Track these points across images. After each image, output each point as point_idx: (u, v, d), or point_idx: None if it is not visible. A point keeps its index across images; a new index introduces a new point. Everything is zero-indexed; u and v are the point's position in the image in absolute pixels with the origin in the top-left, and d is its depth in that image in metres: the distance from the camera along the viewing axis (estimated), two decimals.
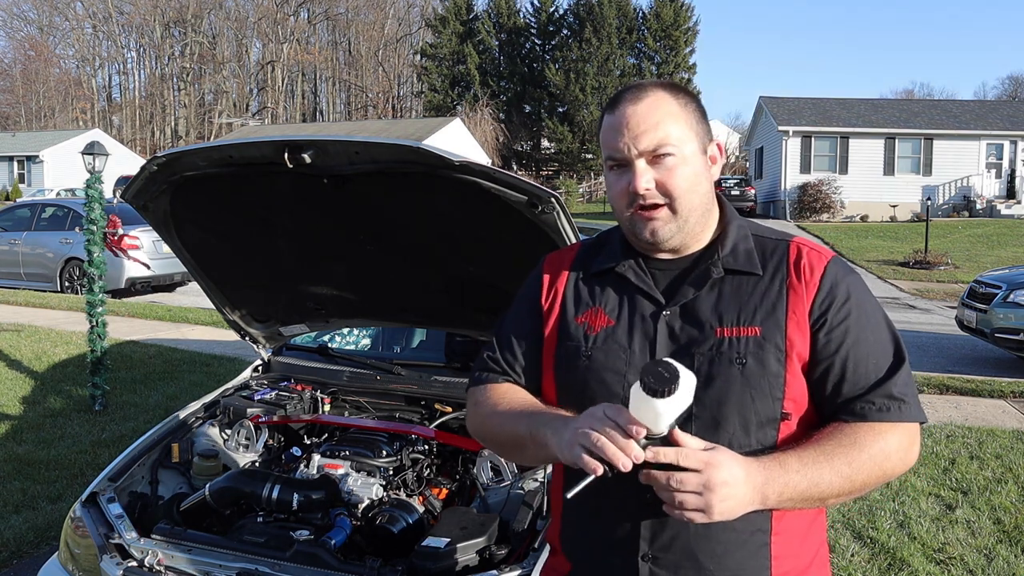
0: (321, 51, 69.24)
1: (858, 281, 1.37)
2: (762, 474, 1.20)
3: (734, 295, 1.35)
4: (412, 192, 2.32)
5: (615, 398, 1.31)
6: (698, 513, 1.16)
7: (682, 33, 45.97)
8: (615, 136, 1.35)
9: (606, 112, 1.39)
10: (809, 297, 1.32)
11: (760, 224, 1.47)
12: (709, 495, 1.15)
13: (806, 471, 1.23)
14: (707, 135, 1.41)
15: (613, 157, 1.36)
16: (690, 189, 1.35)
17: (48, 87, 63.23)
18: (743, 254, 1.38)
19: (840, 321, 1.32)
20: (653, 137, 1.32)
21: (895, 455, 1.30)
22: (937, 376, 7.47)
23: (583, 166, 46.86)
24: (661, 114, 1.34)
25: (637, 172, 1.33)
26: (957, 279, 16.15)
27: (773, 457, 1.24)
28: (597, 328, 1.40)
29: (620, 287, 1.42)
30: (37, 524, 4.00)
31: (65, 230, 12.88)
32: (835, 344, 1.31)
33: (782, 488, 1.22)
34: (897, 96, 62.68)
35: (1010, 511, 4.36)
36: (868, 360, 1.32)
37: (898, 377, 1.31)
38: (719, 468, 1.16)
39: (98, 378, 6.03)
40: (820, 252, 1.38)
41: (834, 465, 1.24)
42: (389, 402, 3.10)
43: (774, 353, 1.30)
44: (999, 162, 28.42)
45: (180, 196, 2.57)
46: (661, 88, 1.38)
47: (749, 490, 1.19)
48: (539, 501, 2.36)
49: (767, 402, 1.29)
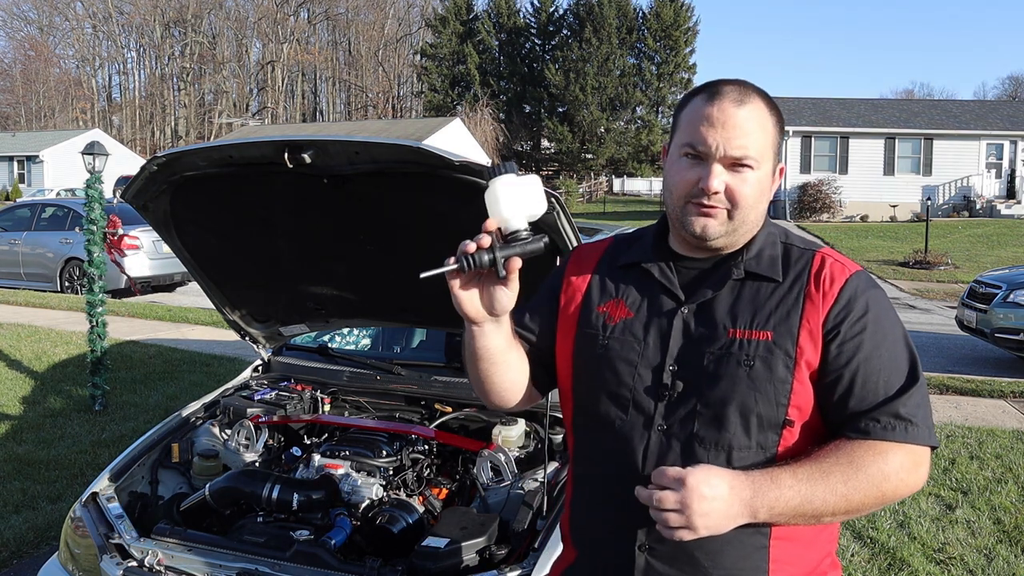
0: (321, 51, 69.27)
1: (880, 297, 1.36)
2: (750, 488, 1.22)
3: (751, 298, 1.36)
4: (412, 192, 2.32)
5: (625, 388, 1.37)
6: (683, 530, 1.20)
7: (682, 33, 45.97)
8: (706, 128, 1.33)
9: (700, 98, 1.36)
10: (825, 308, 1.32)
11: (795, 233, 1.48)
12: (688, 512, 1.19)
13: (799, 487, 1.23)
14: (780, 155, 1.43)
15: (695, 147, 1.34)
16: (754, 204, 1.36)
17: (48, 87, 63.25)
18: (767, 259, 1.39)
19: (854, 335, 1.31)
20: (743, 145, 1.32)
21: (895, 477, 1.28)
22: (937, 376, 7.47)
23: (583, 166, 46.87)
24: (757, 125, 1.34)
25: (713, 172, 1.32)
26: (957, 279, 16.15)
27: (766, 472, 1.25)
28: (616, 319, 1.43)
29: (644, 282, 1.44)
30: (37, 524, 4.00)
31: (65, 230, 12.88)
32: (846, 357, 1.30)
33: (772, 503, 1.23)
34: (897, 96, 62.81)
35: (1010, 511, 4.36)
36: (879, 377, 1.30)
37: (908, 397, 1.30)
38: (696, 486, 1.19)
39: (98, 378, 6.03)
40: (844, 264, 1.38)
41: (829, 483, 1.24)
42: (389, 402, 3.10)
43: (783, 359, 1.31)
44: (999, 162, 28.41)
45: (180, 196, 2.57)
46: (762, 98, 1.38)
47: (736, 504, 1.21)
48: (539, 501, 2.36)
49: (771, 407, 1.30)
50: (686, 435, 1.32)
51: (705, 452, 1.31)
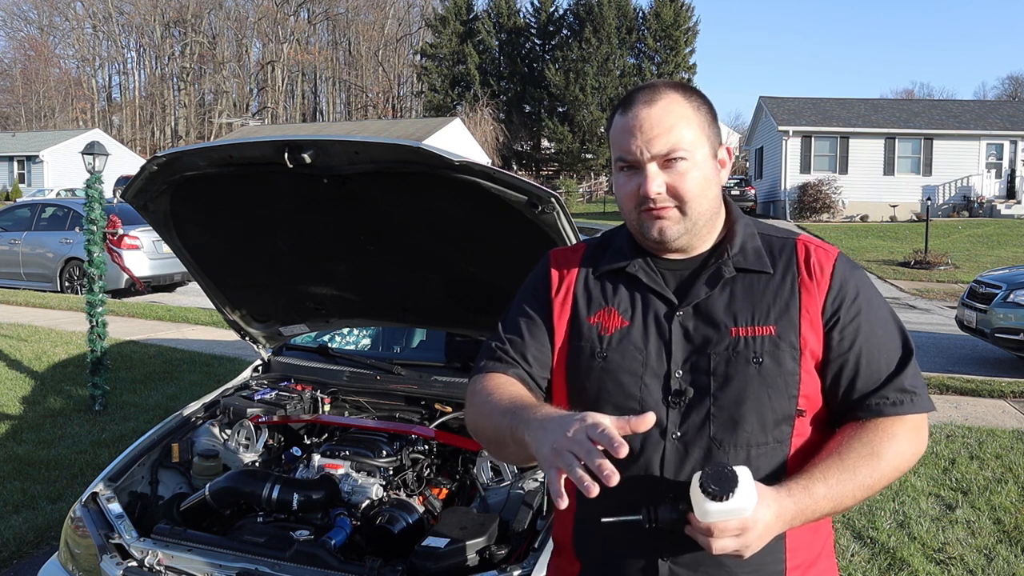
0: (321, 51, 69.24)
1: (864, 277, 1.39)
2: (792, 508, 1.23)
3: (747, 294, 1.35)
4: (412, 192, 2.32)
5: (632, 399, 1.33)
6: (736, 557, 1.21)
7: (682, 33, 45.94)
8: (627, 138, 1.33)
9: (618, 112, 1.37)
10: (821, 295, 1.34)
11: (763, 222, 1.48)
12: (744, 550, 1.19)
13: (832, 493, 1.25)
14: (718, 138, 1.40)
15: (624, 159, 1.34)
16: (700, 194, 1.34)
17: (48, 87, 63.23)
18: (752, 253, 1.38)
19: (852, 318, 1.33)
20: (666, 141, 1.31)
21: (908, 452, 1.32)
22: (937, 376, 7.47)
23: (583, 166, 46.85)
24: (674, 118, 1.32)
25: (649, 176, 1.32)
26: (957, 279, 16.15)
27: (802, 486, 1.24)
28: (611, 329, 1.38)
29: (631, 287, 1.41)
30: (37, 524, 4.00)
31: (65, 230, 12.88)
32: (848, 341, 1.33)
33: (810, 515, 1.25)
34: (897, 96, 62.77)
35: (1010, 511, 4.36)
36: (880, 355, 1.34)
37: (908, 370, 1.34)
38: (754, 527, 1.18)
39: (98, 378, 6.02)
40: (827, 249, 1.39)
41: (857, 480, 1.27)
42: (389, 402, 3.09)
43: (789, 351, 1.31)
44: (999, 162, 28.41)
45: (180, 196, 2.57)
46: (674, 90, 1.36)
47: (779, 525, 1.22)
48: (539, 501, 2.36)
49: (783, 400, 1.31)
50: (703, 440, 1.30)
51: (724, 454, 1.30)
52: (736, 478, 1.15)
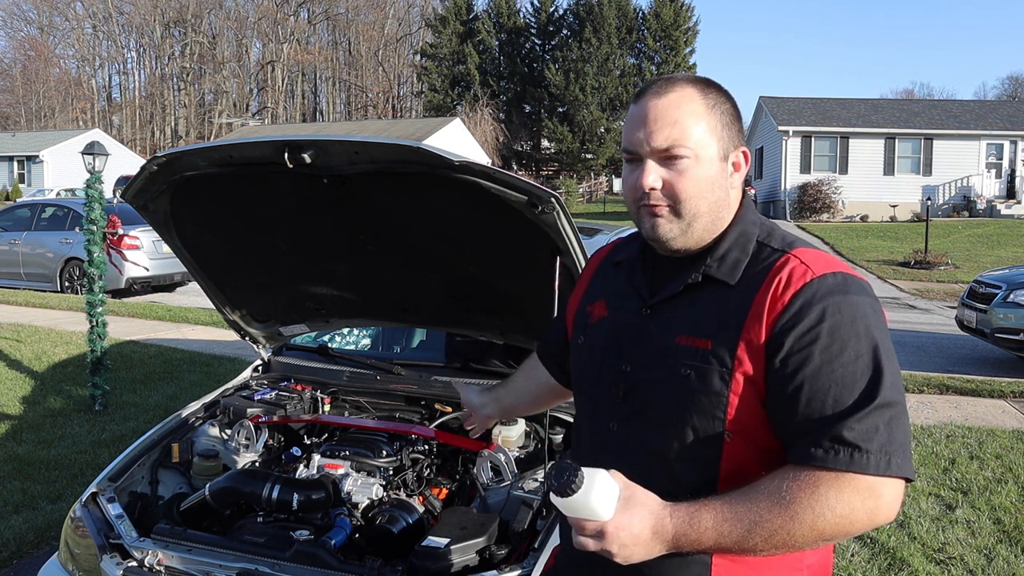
0: (321, 51, 69.24)
1: (846, 304, 1.19)
2: (672, 529, 1.16)
3: (703, 303, 1.28)
4: (412, 192, 2.32)
5: (589, 386, 1.44)
6: (607, 554, 1.17)
7: (682, 33, 45.93)
8: (633, 129, 1.30)
9: (632, 102, 1.34)
10: (771, 316, 1.20)
11: (781, 231, 1.35)
12: (610, 556, 1.16)
13: (721, 529, 1.14)
14: (732, 140, 1.32)
15: (628, 150, 1.31)
16: (697, 195, 1.28)
17: (48, 87, 63.24)
18: (729, 262, 1.29)
19: (802, 347, 1.17)
20: (667, 136, 1.26)
21: (833, 514, 1.12)
22: (937, 376, 7.47)
23: (583, 166, 46.84)
24: (682, 112, 1.27)
25: (645, 169, 1.28)
26: (957, 279, 16.16)
27: (688, 511, 1.16)
28: (595, 317, 1.46)
29: (624, 280, 1.44)
30: (37, 524, 4.00)
31: (65, 230, 12.88)
32: (790, 370, 1.17)
33: (693, 543, 1.16)
34: (897, 96, 62.81)
35: (1010, 511, 4.36)
36: (827, 394, 1.15)
37: (858, 419, 1.13)
38: (616, 534, 1.15)
39: (98, 378, 6.02)
40: (809, 267, 1.23)
41: (760, 525, 1.14)
42: (389, 402, 3.09)
43: (718, 370, 1.22)
44: (999, 162, 28.40)
45: (180, 196, 2.57)
46: (691, 84, 1.30)
47: (657, 546, 1.17)
48: (539, 501, 2.36)
49: (706, 419, 1.23)
50: (634, 440, 1.31)
51: (650, 460, 1.27)
52: (577, 478, 1.10)
